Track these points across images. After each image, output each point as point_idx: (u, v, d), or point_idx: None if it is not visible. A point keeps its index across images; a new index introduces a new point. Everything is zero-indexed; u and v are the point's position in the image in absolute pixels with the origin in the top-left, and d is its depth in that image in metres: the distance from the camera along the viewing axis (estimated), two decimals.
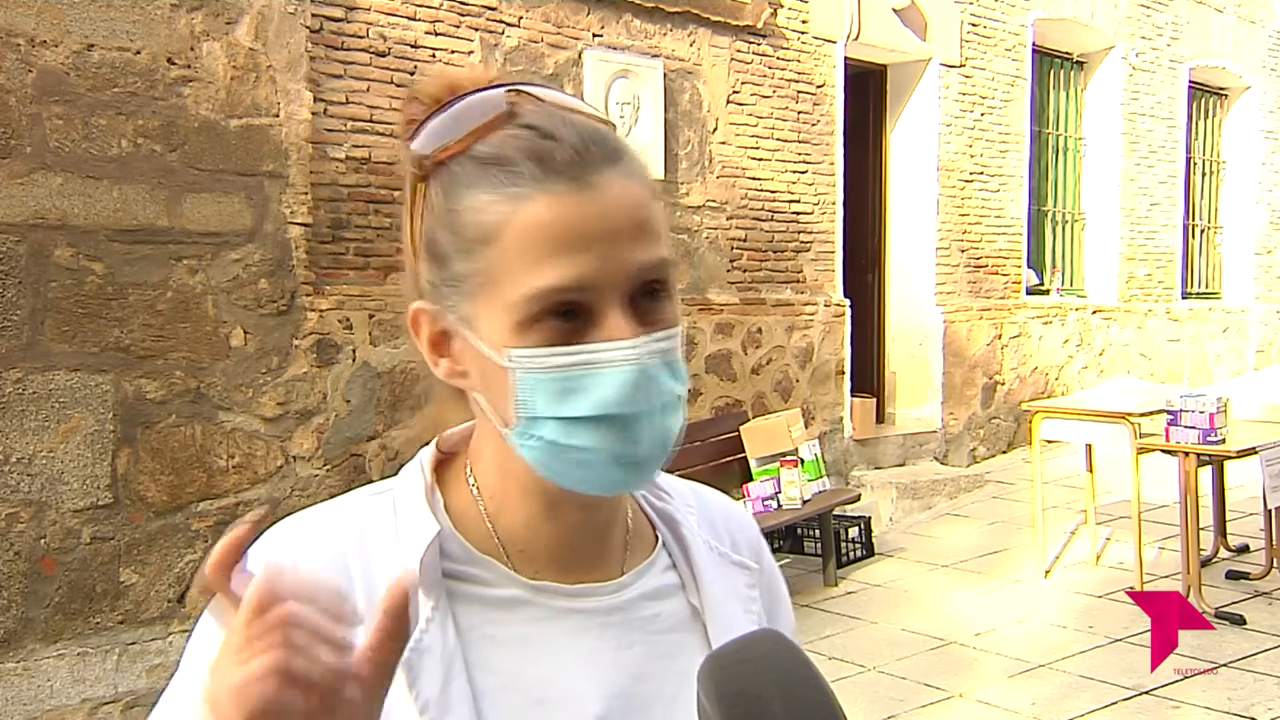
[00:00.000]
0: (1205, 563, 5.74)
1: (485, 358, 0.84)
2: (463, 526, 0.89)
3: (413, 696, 0.81)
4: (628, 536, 0.95)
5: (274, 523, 0.89)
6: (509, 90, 0.85)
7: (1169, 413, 5.35)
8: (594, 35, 6.07)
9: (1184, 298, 10.71)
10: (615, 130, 0.87)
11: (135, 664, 4.36)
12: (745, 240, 6.88)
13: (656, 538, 0.97)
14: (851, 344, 7.53)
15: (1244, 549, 6.16)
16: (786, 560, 6.43)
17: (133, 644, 4.36)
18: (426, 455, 0.94)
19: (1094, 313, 9.62)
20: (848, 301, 7.51)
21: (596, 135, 0.84)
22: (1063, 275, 9.68)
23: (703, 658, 0.91)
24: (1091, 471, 6.19)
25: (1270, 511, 5.56)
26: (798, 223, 7.20)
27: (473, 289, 0.83)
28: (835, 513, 6.22)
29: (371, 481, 0.97)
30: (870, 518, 6.64)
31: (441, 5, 5.42)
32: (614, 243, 0.81)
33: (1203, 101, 11.15)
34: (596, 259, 0.80)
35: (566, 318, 0.81)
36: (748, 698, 0.70)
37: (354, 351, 5.03)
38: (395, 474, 0.95)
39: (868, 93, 8.21)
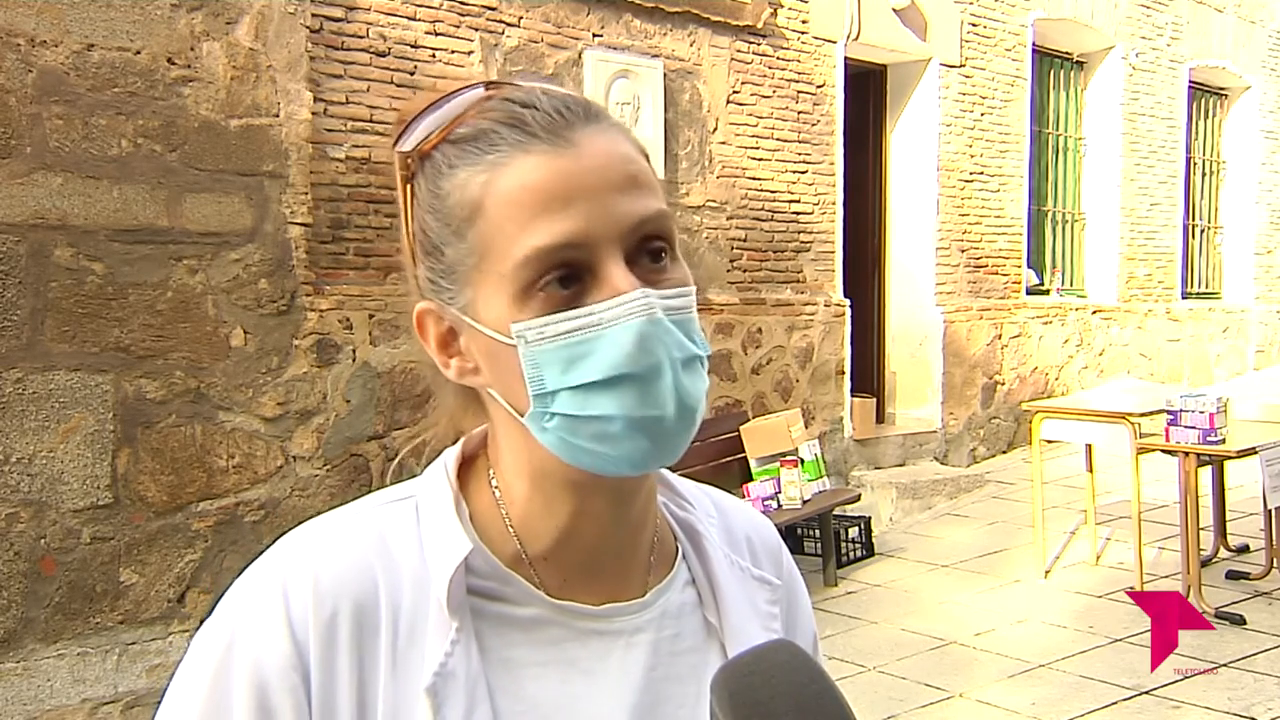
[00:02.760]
0: (1205, 563, 5.74)
1: (491, 342, 0.80)
2: (487, 536, 0.86)
3: None
4: (654, 543, 0.91)
5: (285, 530, 0.87)
6: (488, 83, 0.84)
7: (1169, 413, 5.34)
8: (594, 35, 6.07)
9: (1184, 298, 10.71)
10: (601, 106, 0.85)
11: (135, 664, 4.36)
12: (745, 240, 6.88)
13: (677, 549, 0.94)
14: (851, 344, 7.53)
15: (1244, 549, 6.16)
16: None
17: (133, 644, 4.36)
18: (451, 459, 0.89)
19: (1094, 313, 9.62)
20: (848, 301, 7.50)
21: (575, 99, 0.82)
22: (1063, 275, 9.68)
23: None
24: (1091, 471, 6.19)
25: (1270, 511, 5.56)
26: (798, 223, 7.20)
27: (468, 272, 0.80)
28: (835, 513, 6.22)
29: (372, 480, 0.96)
30: (870, 518, 6.64)
31: (441, 5, 5.42)
32: (603, 195, 0.78)
33: (1203, 101, 11.15)
34: (587, 212, 0.77)
35: (566, 283, 0.77)
36: (761, 711, 0.68)
37: (354, 351, 5.03)
38: (406, 478, 0.90)
39: (868, 93, 8.21)
